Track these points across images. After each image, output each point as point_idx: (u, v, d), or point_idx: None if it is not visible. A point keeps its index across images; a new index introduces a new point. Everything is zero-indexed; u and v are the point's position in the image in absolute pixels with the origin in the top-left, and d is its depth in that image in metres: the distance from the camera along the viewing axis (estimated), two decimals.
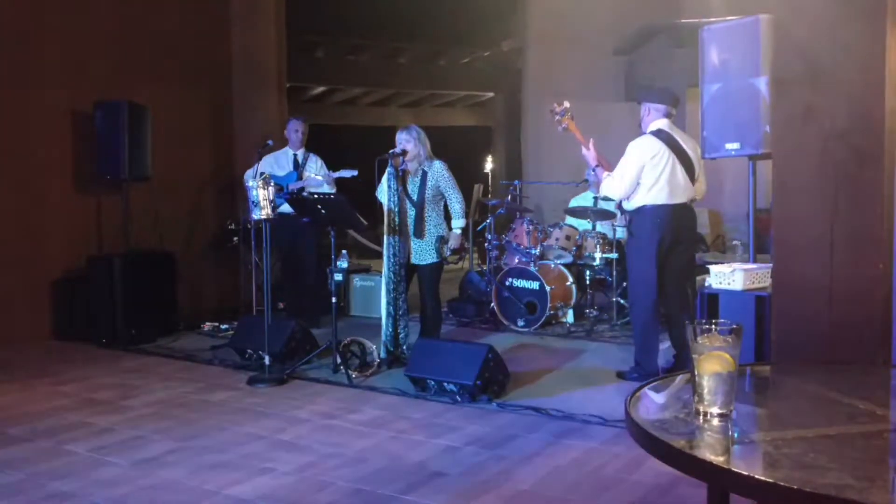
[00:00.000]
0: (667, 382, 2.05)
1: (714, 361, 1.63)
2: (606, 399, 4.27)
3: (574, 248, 6.52)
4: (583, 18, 8.58)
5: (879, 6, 3.05)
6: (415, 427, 3.88)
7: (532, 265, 6.42)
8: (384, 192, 5.06)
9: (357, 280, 7.25)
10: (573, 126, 4.80)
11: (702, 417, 1.66)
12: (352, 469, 3.31)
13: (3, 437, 3.77)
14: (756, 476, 1.35)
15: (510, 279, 6.51)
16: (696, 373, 1.66)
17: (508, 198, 7.32)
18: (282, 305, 6.66)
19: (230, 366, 5.24)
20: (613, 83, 8.75)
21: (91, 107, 6.29)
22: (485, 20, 12.75)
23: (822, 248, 3.20)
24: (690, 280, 4.85)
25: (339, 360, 4.87)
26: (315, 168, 6.48)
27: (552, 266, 6.51)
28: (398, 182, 5.02)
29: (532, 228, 6.64)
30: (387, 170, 5.02)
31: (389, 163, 4.99)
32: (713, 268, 4.15)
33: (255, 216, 4.84)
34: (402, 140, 5.03)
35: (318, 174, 6.39)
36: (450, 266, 6.56)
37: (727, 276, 4.02)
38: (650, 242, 4.53)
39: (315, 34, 13.60)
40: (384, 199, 5.07)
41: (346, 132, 15.96)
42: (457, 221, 5.16)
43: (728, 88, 4.37)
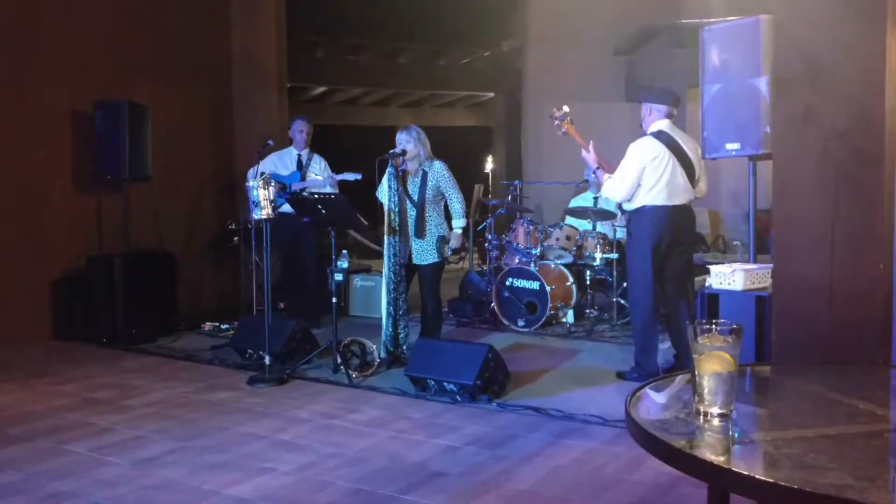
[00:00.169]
0: (667, 382, 2.06)
1: (714, 361, 1.64)
2: (606, 399, 4.27)
3: (574, 249, 6.52)
4: (583, 18, 8.58)
5: (879, 6, 3.05)
6: (415, 427, 3.88)
7: (532, 265, 6.42)
8: (384, 193, 5.06)
9: (357, 280, 7.25)
10: (573, 130, 4.85)
11: (702, 417, 1.66)
12: (352, 469, 3.31)
13: (3, 437, 3.77)
14: (756, 476, 1.36)
15: (510, 279, 6.51)
16: (697, 373, 1.66)
17: (508, 198, 7.33)
18: (282, 305, 6.65)
19: (230, 366, 5.24)
20: (613, 83, 8.74)
21: (91, 107, 6.29)
22: (485, 20, 12.75)
23: (822, 248, 3.20)
24: (690, 280, 4.85)
25: (340, 360, 4.87)
26: (319, 169, 6.48)
27: (552, 266, 6.51)
28: (398, 182, 5.02)
29: (532, 228, 6.64)
30: (387, 170, 5.02)
31: (389, 163, 4.99)
32: (713, 268, 4.15)
33: (256, 216, 4.84)
34: (402, 140, 5.03)
35: (322, 175, 6.39)
36: (450, 266, 6.55)
37: (727, 277, 4.02)
38: (649, 243, 4.54)
39: (315, 34, 13.58)
40: (384, 200, 5.07)
41: (347, 132, 15.93)
42: (457, 221, 5.16)
43: (728, 89, 4.37)
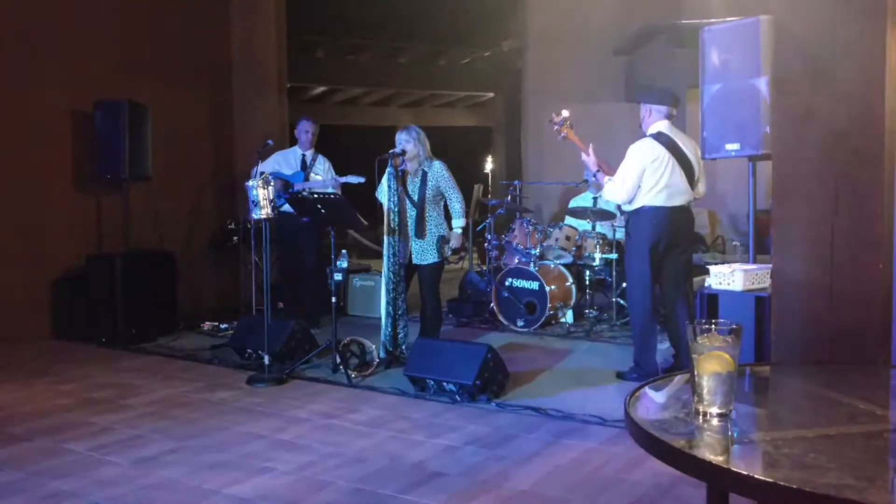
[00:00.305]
0: (666, 382, 2.05)
1: (714, 361, 1.63)
2: (606, 399, 4.27)
3: (574, 249, 6.52)
4: (583, 18, 8.58)
5: (879, 6, 3.05)
6: (414, 427, 3.88)
7: (532, 265, 6.42)
8: (384, 193, 5.06)
9: (357, 280, 7.25)
10: (572, 134, 4.89)
11: (701, 417, 1.66)
12: (351, 469, 3.31)
13: (4, 437, 3.77)
14: (756, 476, 1.35)
15: (510, 279, 6.51)
16: (696, 373, 1.66)
17: (508, 198, 7.32)
18: (281, 305, 6.65)
19: (230, 365, 5.24)
20: (613, 83, 8.73)
21: (91, 107, 6.29)
22: (485, 20, 12.73)
23: (822, 248, 3.20)
24: (689, 281, 4.85)
25: (339, 360, 4.87)
26: (323, 170, 6.48)
27: (552, 266, 6.51)
28: (398, 182, 5.02)
29: (532, 229, 6.64)
30: (387, 170, 5.03)
31: (389, 163, 4.99)
32: (713, 268, 4.15)
33: (255, 216, 4.84)
34: (402, 140, 5.03)
35: (325, 176, 6.39)
36: (450, 266, 6.56)
37: (727, 277, 4.02)
38: (647, 243, 4.54)
39: (315, 34, 13.58)
40: (384, 200, 5.07)
41: (347, 132, 15.93)
42: (457, 221, 5.17)
43: (728, 89, 4.37)
